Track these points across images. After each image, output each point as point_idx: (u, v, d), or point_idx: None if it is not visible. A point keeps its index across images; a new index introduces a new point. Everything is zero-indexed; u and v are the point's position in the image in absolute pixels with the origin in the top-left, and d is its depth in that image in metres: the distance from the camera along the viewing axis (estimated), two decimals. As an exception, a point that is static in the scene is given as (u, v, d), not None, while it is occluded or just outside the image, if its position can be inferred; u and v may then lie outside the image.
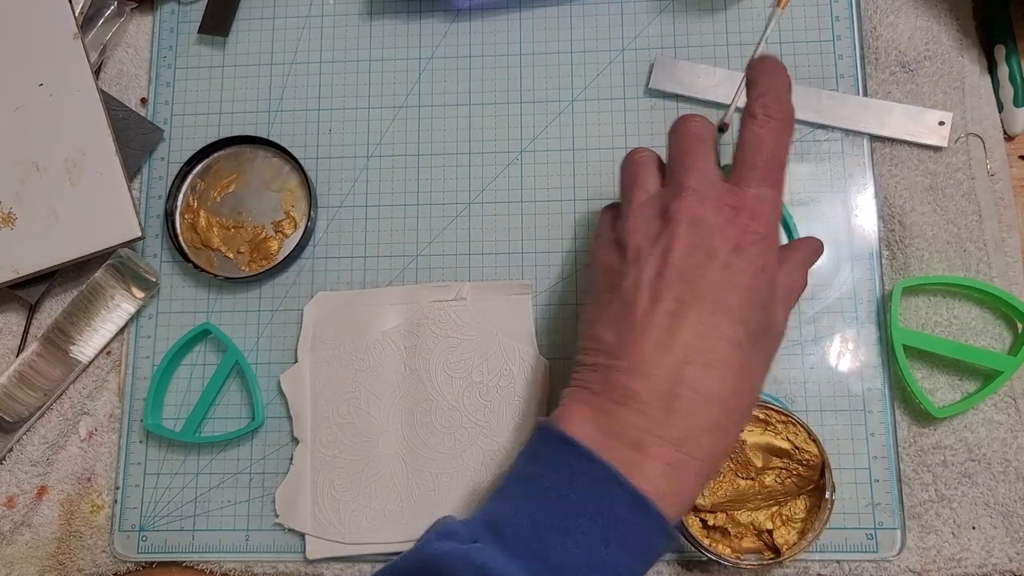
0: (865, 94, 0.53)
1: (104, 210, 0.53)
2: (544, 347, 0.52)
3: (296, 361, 0.52)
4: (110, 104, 0.55)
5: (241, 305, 0.54)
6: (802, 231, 0.52)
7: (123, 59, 0.58)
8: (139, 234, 0.53)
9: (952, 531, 0.48)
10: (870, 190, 0.52)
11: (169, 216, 0.54)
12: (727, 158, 0.53)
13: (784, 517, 0.47)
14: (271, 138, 0.55)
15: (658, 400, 0.36)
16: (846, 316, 0.51)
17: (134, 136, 0.55)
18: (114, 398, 0.53)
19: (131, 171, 0.55)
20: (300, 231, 0.54)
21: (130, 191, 0.53)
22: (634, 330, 0.37)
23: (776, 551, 0.46)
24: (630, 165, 0.43)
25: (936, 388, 0.50)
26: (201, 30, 0.58)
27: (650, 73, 0.55)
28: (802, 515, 0.47)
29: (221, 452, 0.52)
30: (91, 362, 0.53)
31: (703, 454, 0.36)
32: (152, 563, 0.51)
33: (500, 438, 0.50)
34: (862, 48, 0.54)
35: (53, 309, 0.54)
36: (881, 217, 0.52)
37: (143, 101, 0.57)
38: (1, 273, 0.52)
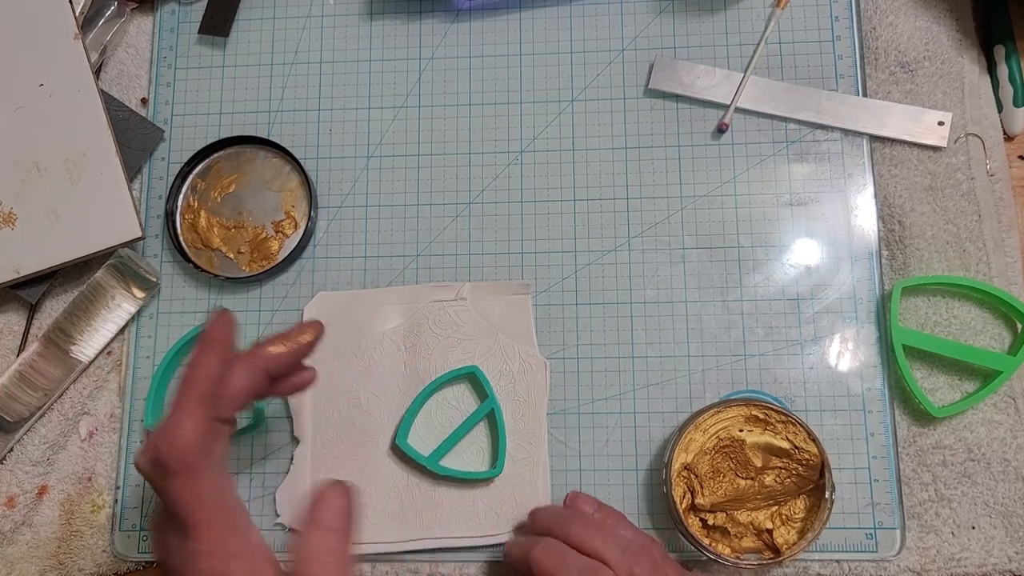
0: (865, 94, 0.53)
1: (104, 210, 0.53)
2: (544, 347, 0.52)
3: (296, 361, 0.52)
4: (110, 104, 0.55)
5: (241, 305, 0.54)
6: (802, 231, 0.52)
7: (123, 59, 0.58)
8: (139, 234, 0.53)
9: (952, 531, 0.48)
10: (870, 190, 0.53)
11: (170, 216, 0.54)
12: (727, 157, 0.54)
13: (784, 517, 0.47)
14: (271, 138, 0.55)
15: None
16: (846, 316, 0.51)
17: (134, 136, 0.55)
18: (114, 398, 0.54)
19: (131, 171, 0.55)
20: (300, 231, 0.54)
21: (130, 191, 0.53)
22: None
23: (776, 551, 0.46)
24: None
25: (936, 388, 0.50)
26: (201, 30, 0.58)
27: (650, 73, 0.55)
28: (802, 515, 0.47)
29: (221, 452, 0.52)
30: (92, 362, 0.53)
31: None
32: (153, 563, 0.51)
33: (500, 438, 0.50)
34: (862, 48, 0.54)
35: (54, 309, 0.54)
36: (881, 217, 0.52)
37: (143, 101, 0.57)
38: (2, 273, 0.52)
